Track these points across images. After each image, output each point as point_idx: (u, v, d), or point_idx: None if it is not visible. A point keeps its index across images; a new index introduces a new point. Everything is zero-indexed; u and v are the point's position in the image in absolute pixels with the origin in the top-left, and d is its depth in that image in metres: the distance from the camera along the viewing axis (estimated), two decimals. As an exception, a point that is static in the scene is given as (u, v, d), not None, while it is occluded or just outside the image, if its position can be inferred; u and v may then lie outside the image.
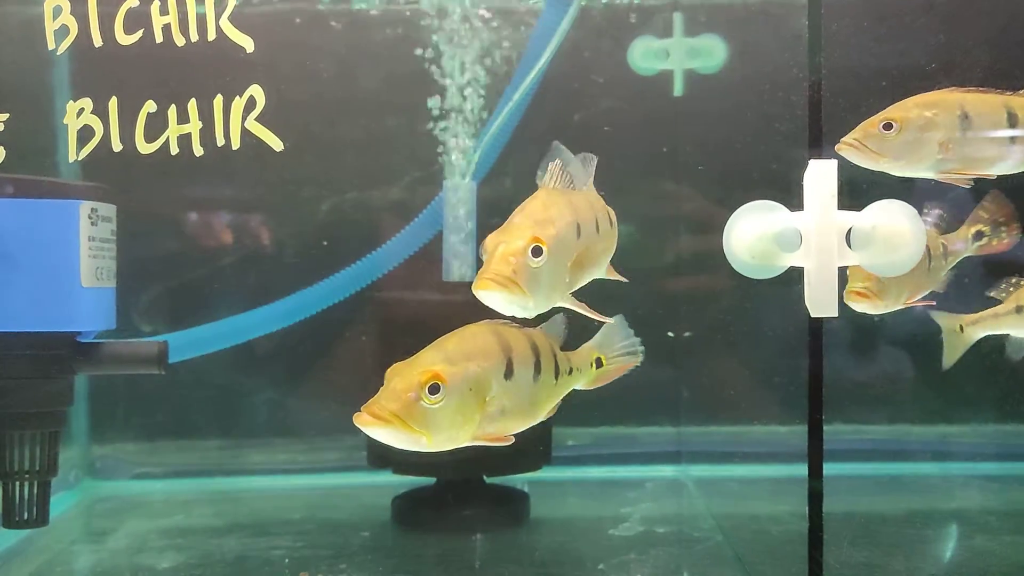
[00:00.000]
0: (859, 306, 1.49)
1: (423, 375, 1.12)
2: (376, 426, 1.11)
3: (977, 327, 1.65)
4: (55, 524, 2.07)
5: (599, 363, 1.41)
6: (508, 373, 1.20)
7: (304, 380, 2.41)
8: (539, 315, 1.23)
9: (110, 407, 2.38)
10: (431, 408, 1.11)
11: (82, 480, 2.35)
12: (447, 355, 1.16)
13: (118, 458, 2.40)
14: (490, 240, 1.17)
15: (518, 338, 1.24)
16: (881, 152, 1.34)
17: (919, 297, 1.55)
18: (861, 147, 1.34)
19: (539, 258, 1.14)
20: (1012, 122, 1.37)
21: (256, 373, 2.39)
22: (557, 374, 1.30)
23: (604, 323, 1.40)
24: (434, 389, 1.12)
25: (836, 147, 1.33)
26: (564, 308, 1.28)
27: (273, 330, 2.06)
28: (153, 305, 2.32)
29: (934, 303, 1.60)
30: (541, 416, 1.30)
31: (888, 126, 1.34)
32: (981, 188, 2.32)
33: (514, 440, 1.23)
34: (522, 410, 1.24)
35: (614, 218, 1.39)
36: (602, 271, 1.36)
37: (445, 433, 1.14)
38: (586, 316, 1.30)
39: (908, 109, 1.36)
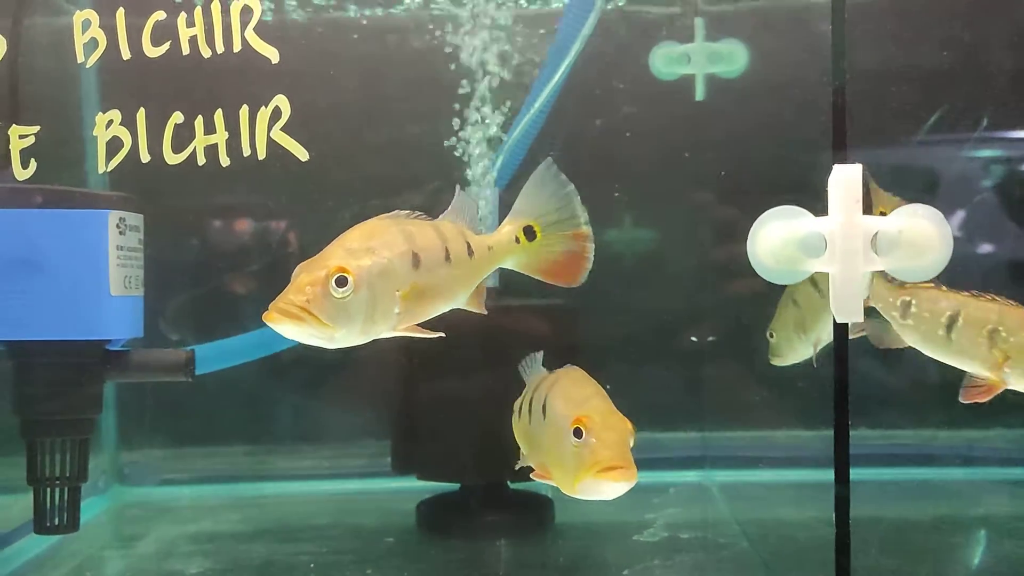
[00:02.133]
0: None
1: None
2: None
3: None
4: (85, 530, 2.08)
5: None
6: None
7: (329, 386, 2.43)
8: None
9: (138, 414, 2.40)
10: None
11: (111, 486, 2.38)
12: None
13: (146, 464, 2.42)
14: (297, 267, 1.16)
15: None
16: None
17: None
18: None
19: (344, 288, 1.12)
20: None
21: (281, 379, 2.41)
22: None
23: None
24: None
25: None
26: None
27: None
28: (178, 314, 2.34)
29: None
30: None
31: None
32: (1007, 192, 2.32)
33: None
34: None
35: (482, 246, 1.33)
36: (459, 301, 1.33)
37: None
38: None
39: None
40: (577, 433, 1.18)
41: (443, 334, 1.24)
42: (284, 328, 1.11)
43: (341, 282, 1.12)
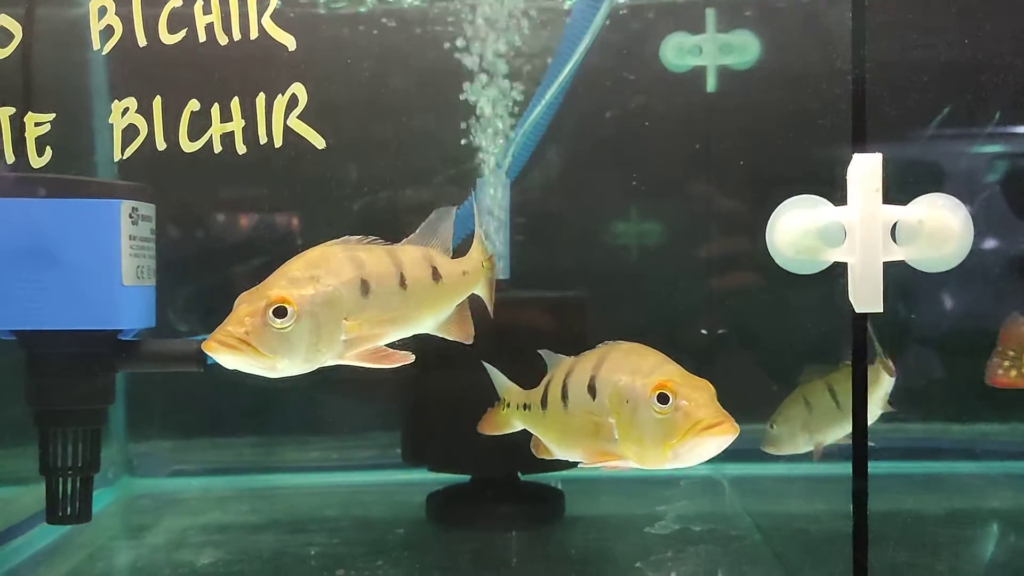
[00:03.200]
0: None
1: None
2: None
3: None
4: (95, 520, 2.07)
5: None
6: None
7: (339, 377, 2.42)
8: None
9: (147, 405, 2.40)
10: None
11: (120, 477, 2.38)
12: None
13: (155, 455, 2.42)
14: (239, 297, 1.14)
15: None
16: None
17: None
18: None
19: (284, 319, 1.10)
20: None
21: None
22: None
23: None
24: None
25: None
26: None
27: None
28: (188, 304, 2.33)
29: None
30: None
31: None
32: (1013, 189, 2.30)
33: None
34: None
35: (455, 271, 1.33)
36: (427, 327, 1.32)
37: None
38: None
39: None
40: (662, 399, 1.14)
41: (411, 358, 1.21)
42: (223, 359, 1.10)
43: (280, 312, 1.10)
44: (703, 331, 2.45)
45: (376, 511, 2.19)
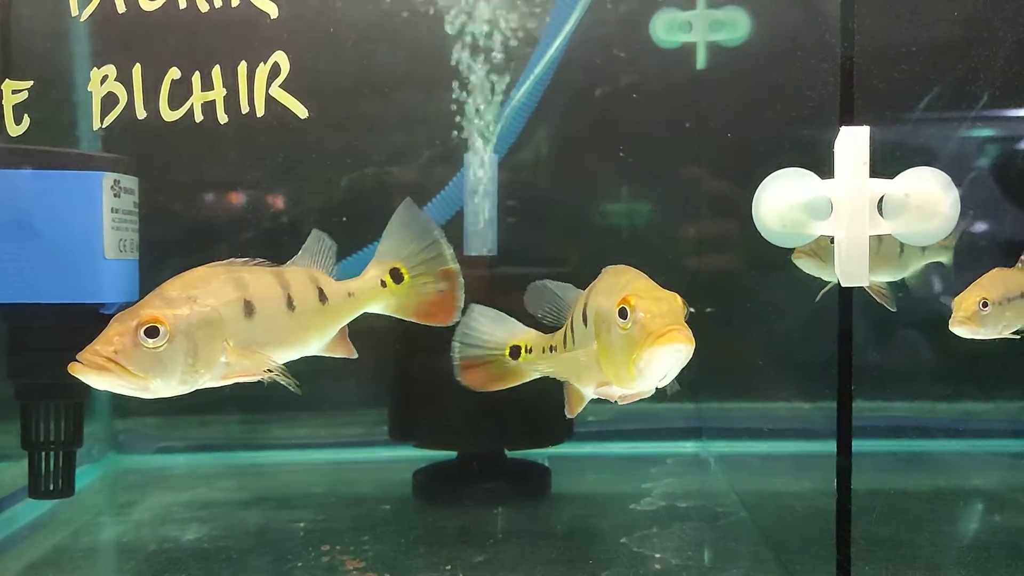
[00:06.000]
0: (961, 330, 1.51)
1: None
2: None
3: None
4: (80, 497, 2.09)
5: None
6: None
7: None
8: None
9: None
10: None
11: (105, 454, 2.37)
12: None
13: (141, 432, 2.41)
14: (114, 317, 1.12)
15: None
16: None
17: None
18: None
19: (155, 339, 1.08)
20: None
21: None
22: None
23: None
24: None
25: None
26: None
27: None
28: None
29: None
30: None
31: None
32: (1000, 167, 2.30)
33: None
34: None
35: (340, 292, 1.31)
36: (314, 348, 1.31)
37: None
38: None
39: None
40: (623, 314, 1.11)
41: (296, 385, 1.20)
42: (90, 379, 1.08)
43: (151, 332, 1.08)
44: (690, 309, 2.44)
45: (363, 488, 2.19)
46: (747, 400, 2.47)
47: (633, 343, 1.10)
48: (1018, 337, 1.58)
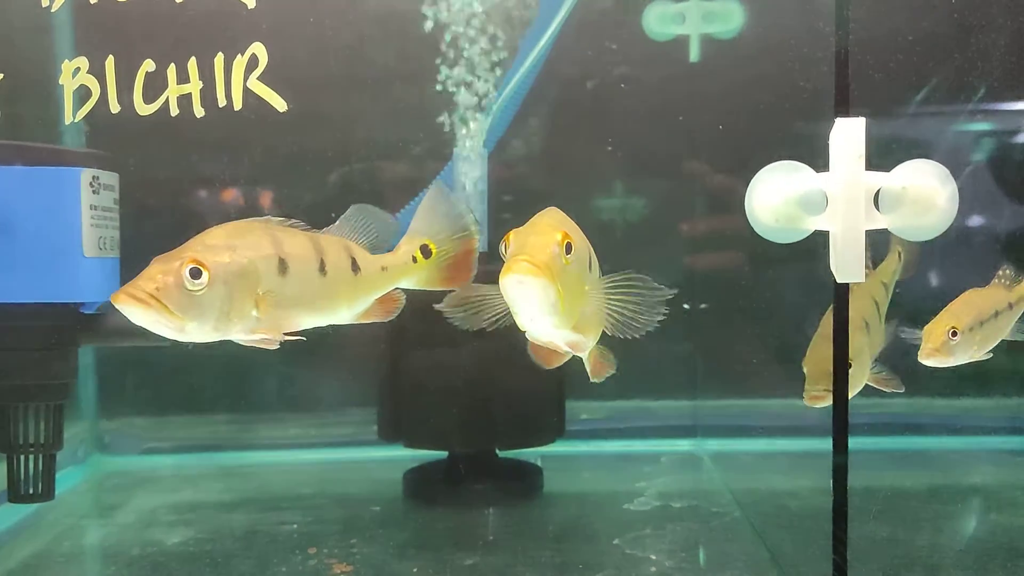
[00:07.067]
0: (931, 361, 1.51)
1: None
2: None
3: None
4: (64, 499, 2.06)
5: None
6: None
7: (315, 353, 2.38)
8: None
9: (119, 382, 2.35)
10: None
11: (91, 455, 2.33)
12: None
13: (127, 433, 2.38)
14: (154, 259, 1.13)
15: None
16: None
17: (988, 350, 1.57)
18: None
19: (198, 280, 1.10)
20: None
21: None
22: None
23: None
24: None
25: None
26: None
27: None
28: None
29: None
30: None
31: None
32: (997, 163, 2.27)
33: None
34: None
35: (374, 265, 1.32)
36: (343, 317, 1.31)
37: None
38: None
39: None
40: (504, 251, 1.12)
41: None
42: (131, 312, 1.08)
43: (195, 274, 1.10)
44: (685, 306, 2.42)
45: (353, 488, 2.16)
46: (742, 397, 2.44)
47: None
48: (990, 357, 1.56)
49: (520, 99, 2.16)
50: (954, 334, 1.44)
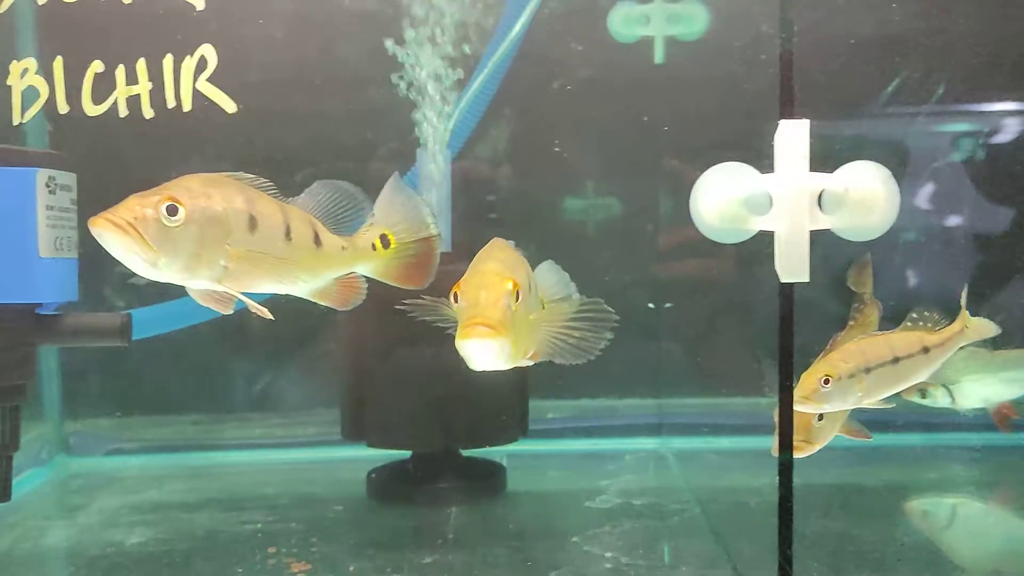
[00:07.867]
0: (804, 408, 1.43)
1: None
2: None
3: None
4: (27, 501, 2.06)
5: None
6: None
7: (280, 354, 2.38)
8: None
9: (83, 383, 2.34)
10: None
11: (55, 456, 2.33)
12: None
13: (91, 434, 2.37)
14: (135, 193, 1.15)
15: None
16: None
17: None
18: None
19: (174, 217, 1.12)
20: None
21: (231, 347, 2.36)
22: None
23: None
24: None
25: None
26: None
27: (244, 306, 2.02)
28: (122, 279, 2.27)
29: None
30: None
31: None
32: (976, 162, 2.30)
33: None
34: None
35: (334, 243, 1.33)
36: (300, 289, 1.32)
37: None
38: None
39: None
40: (456, 298, 1.15)
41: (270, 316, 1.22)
42: (109, 238, 1.10)
43: (172, 210, 1.12)
44: (650, 305, 2.44)
45: (317, 488, 2.16)
46: (707, 396, 2.46)
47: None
48: (892, 406, 1.50)
49: (485, 101, 2.17)
50: (826, 382, 1.39)
